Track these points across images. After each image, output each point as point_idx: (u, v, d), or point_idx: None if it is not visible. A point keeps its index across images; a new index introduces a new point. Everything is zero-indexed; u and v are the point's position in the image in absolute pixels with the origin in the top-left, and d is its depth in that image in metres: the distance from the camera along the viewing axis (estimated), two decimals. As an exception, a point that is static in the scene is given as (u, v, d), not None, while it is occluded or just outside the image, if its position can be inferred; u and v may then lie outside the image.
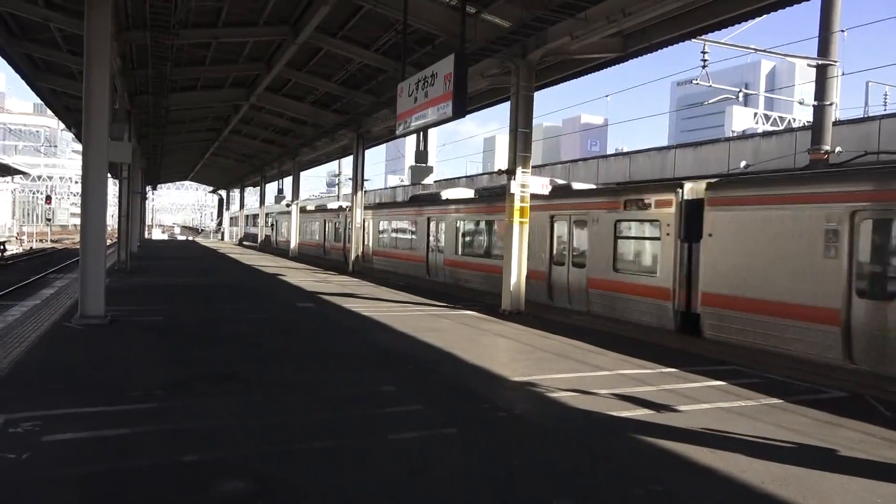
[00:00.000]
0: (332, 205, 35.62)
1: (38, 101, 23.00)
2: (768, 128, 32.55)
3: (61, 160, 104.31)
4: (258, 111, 25.65)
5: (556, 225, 14.46)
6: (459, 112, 10.08)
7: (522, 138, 12.84)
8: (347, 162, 39.80)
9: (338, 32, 15.95)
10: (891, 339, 8.02)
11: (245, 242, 52.96)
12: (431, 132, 20.57)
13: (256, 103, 23.04)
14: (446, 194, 22.29)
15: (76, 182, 68.87)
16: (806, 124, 23.99)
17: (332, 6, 13.21)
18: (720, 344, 9.92)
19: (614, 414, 5.90)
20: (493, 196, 17.20)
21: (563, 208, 14.25)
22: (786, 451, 5.06)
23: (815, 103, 16.57)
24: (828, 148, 16.04)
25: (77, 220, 13.85)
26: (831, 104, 16.54)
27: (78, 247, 10.69)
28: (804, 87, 28.53)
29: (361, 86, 19.90)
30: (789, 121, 33.89)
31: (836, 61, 16.52)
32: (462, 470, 4.53)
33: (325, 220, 32.94)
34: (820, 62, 16.51)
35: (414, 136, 17.62)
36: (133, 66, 17.47)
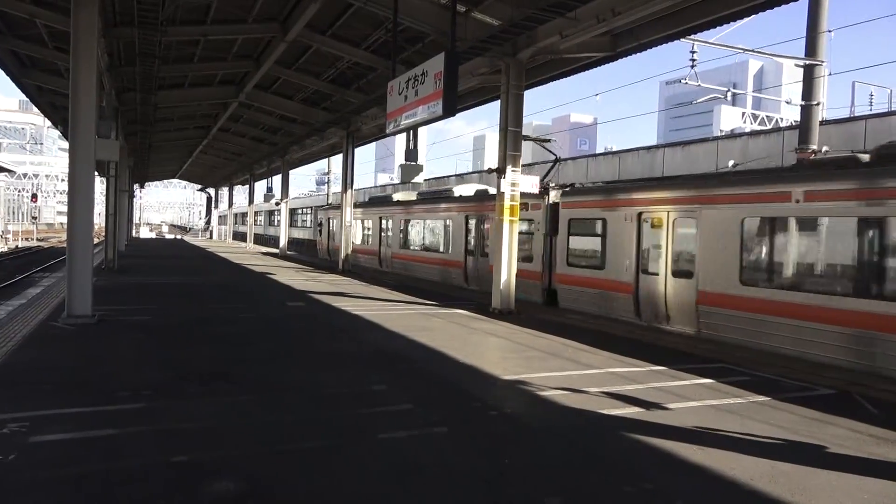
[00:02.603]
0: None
1: (24, 97, 22.74)
2: (756, 127, 32.74)
3: (47, 158, 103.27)
4: (247, 109, 25.48)
5: (469, 222, 17.57)
6: (449, 110, 10.05)
7: (512, 137, 12.84)
8: (336, 160, 39.50)
9: (327, 30, 15.88)
10: None
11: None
12: (421, 131, 20.29)
13: (245, 101, 22.88)
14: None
15: (63, 180, 68.24)
16: (793, 124, 24.15)
17: (322, 4, 13.14)
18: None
19: (605, 412, 5.92)
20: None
21: (472, 210, 17.55)
22: (774, 448, 5.10)
23: (803, 103, 16.70)
24: (815, 147, 16.17)
25: (63, 219, 13.66)
26: (818, 104, 16.66)
27: (64, 245, 10.59)
28: (791, 87, 28.74)
29: (351, 84, 19.83)
30: (777, 120, 34.11)
31: (822, 61, 16.64)
32: (453, 469, 4.53)
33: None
34: (807, 62, 16.64)
35: (404, 135, 17.61)
36: (121, 62, 17.31)
